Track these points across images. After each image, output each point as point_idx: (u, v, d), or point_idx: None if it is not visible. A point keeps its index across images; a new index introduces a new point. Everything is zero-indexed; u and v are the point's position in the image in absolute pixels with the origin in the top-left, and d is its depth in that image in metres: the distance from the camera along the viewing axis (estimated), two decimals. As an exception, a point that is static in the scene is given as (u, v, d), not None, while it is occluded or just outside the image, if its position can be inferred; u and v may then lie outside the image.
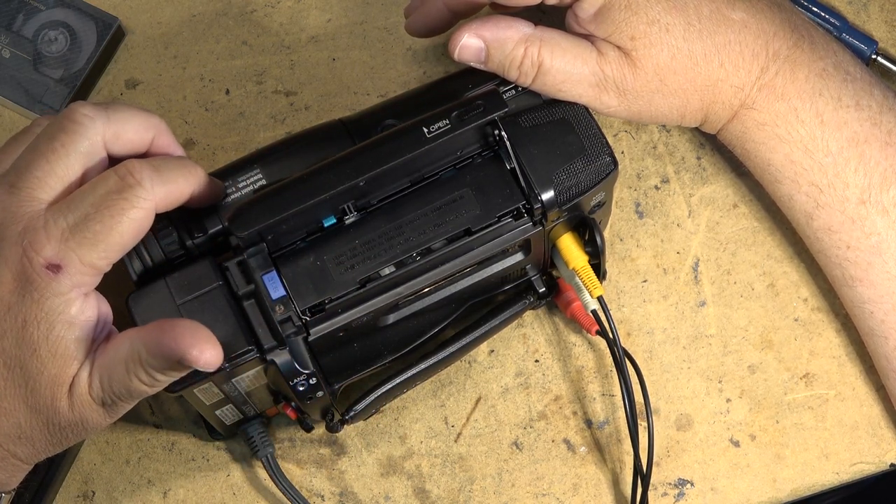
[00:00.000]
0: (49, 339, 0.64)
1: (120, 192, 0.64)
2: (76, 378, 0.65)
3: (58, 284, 0.63)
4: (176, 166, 0.66)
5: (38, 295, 0.63)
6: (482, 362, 0.82)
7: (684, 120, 0.77)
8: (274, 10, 0.86)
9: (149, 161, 0.65)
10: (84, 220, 0.63)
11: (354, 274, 0.69)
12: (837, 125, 0.75)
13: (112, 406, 0.66)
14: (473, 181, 0.71)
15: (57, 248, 0.63)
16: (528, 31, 0.73)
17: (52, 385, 0.64)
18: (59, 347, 0.64)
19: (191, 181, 0.67)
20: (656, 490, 0.80)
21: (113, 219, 0.63)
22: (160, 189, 0.65)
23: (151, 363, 0.63)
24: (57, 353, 0.64)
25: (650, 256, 0.83)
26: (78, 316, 0.64)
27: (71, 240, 0.63)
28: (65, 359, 0.64)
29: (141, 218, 0.64)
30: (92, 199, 0.64)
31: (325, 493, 0.80)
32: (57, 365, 0.64)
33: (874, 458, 0.81)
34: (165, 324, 0.64)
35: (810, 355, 0.82)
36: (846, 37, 0.84)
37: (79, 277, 0.63)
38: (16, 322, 0.64)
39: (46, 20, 0.84)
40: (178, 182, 0.66)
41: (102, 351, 0.65)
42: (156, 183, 0.64)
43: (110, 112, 0.66)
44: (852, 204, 0.75)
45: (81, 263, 0.63)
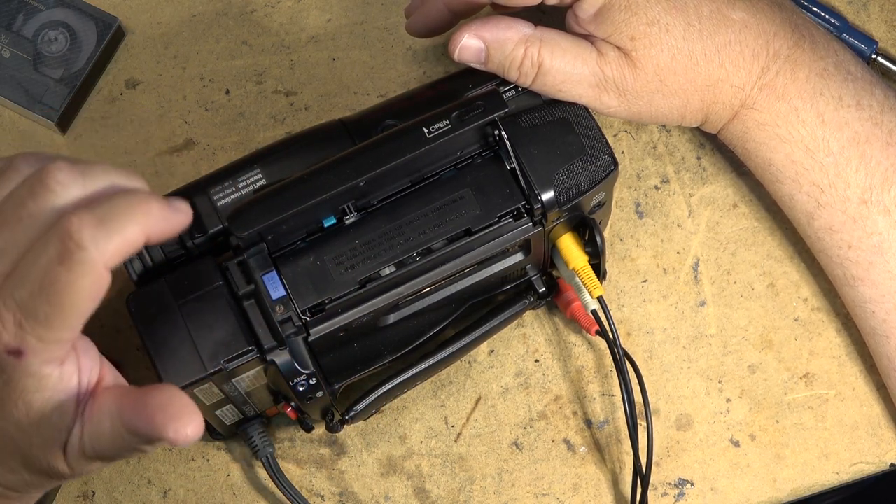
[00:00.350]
0: (30, 416, 0.60)
1: (62, 261, 0.56)
2: (68, 444, 0.61)
3: (25, 366, 0.58)
4: (124, 208, 0.57)
5: (7, 377, 0.59)
6: (482, 362, 0.82)
7: (685, 120, 0.77)
8: (274, 10, 0.86)
9: (90, 211, 0.57)
10: (32, 299, 0.57)
11: (354, 274, 0.69)
12: (838, 125, 0.75)
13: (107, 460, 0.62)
14: (473, 181, 0.71)
15: (13, 334, 0.57)
16: (528, 31, 0.73)
17: (44, 453, 0.61)
18: (41, 422, 0.60)
19: (143, 222, 0.57)
20: (656, 490, 0.80)
21: (60, 295, 0.56)
22: (106, 244, 0.56)
23: (132, 440, 0.60)
24: (41, 427, 0.60)
25: (650, 256, 0.83)
26: (56, 386, 0.60)
27: (25, 324, 0.57)
28: (50, 430, 0.60)
29: (90, 284, 0.56)
30: (35, 272, 0.56)
31: (325, 493, 0.80)
32: (43, 436, 0.61)
33: (874, 458, 0.81)
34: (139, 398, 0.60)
35: (810, 355, 0.82)
36: (846, 37, 0.84)
37: (45, 355, 0.58)
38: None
39: (46, 20, 0.84)
40: (127, 229, 0.57)
41: (89, 413, 0.61)
42: (100, 239, 0.56)
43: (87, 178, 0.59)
44: (854, 203, 0.75)
45: (42, 342, 0.57)
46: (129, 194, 0.58)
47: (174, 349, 0.68)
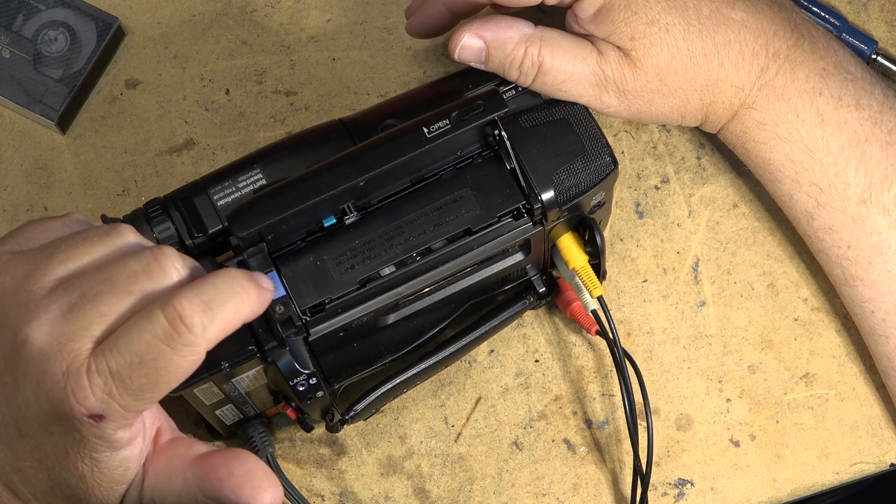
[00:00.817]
0: (94, 472, 0.60)
1: (168, 341, 0.57)
2: (127, 494, 0.62)
3: (100, 431, 0.59)
4: (229, 295, 0.58)
5: (79, 436, 0.59)
6: (482, 362, 0.82)
7: (684, 120, 0.77)
8: (274, 10, 0.86)
9: (198, 295, 0.57)
10: (129, 370, 0.57)
11: (354, 274, 0.69)
12: (838, 124, 0.75)
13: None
14: (473, 181, 0.71)
15: (100, 400, 0.58)
16: (528, 31, 0.73)
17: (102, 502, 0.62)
18: (104, 478, 0.61)
19: (244, 308, 0.59)
20: (656, 490, 0.80)
21: (159, 372, 0.57)
22: (212, 330, 0.57)
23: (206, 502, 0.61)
24: (103, 482, 0.61)
25: (650, 256, 0.83)
26: (123, 444, 0.60)
27: (114, 391, 0.58)
28: (112, 484, 0.61)
29: (189, 366, 0.58)
30: (138, 345, 0.57)
31: (325, 493, 0.80)
32: (104, 490, 0.61)
33: (874, 458, 0.81)
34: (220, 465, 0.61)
35: (810, 355, 0.82)
36: (846, 36, 0.84)
37: (123, 422, 0.59)
38: (57, 449, 0.60)
39: (46, 20, 0.84)
40: (231, 316, 0.58)
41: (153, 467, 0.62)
42: (207, 324, 0.57)
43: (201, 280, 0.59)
44: (853, 203, 0.75)
45: (125, 411, 0.58)
46: (229, 279, 0.59)
47: (174, 349, 0.68)
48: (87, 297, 0.58)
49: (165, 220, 0.70)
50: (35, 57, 0.84)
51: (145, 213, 0.70)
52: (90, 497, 0.62)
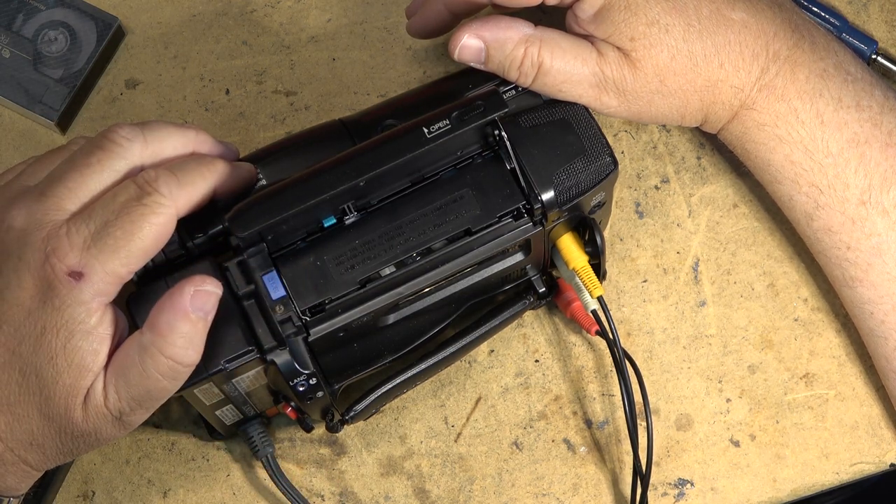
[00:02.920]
0: (67, 349, 0.64)
1: (139, 199, 0.64)
2: (91, 389, 0.65)
3: (79, 292, 0.63)
4: (194, 168, 0.66)
5: (59, 302, 0.63)
6: (482, 362, 0.82)
7: (684, 120, 0.77)
8: (274, 10, 0.86)
9: (167, 167, 0.66)
10: (105, 227, 0.63)
11: (354, 274, 0.69)
12: (838, 126, 0.75)
13: (128, 416, 0.66)
14: (473, 181, 0.71)
15: (80, 256, 0.63)
16: (528, 31, 0.73)
17: (66, 395, 0.64)
18: (75, 357, 0.64)
19: (210, 179, 0.67)
20: (656, 490, 0.80)
21: (133, 224, 0.63)
22: (180, 194, 0.65)
23: (165, 340, 0.64)
24: (73, 363, 0.64)
25: (650, 256, 0.83)
26: (97, 327, 0.64)
27: (93, 247, 0.63)
28: (81, 369, 0.64)
29: (161, 223, 0.64)
30: (112, 206, 0.64)
31: (325, 493, 0.80)
32: (73, 375, 0.64)
33: (874, 458, 0.81)
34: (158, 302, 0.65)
35: (810, 355, 0.82)
36: (846, 37, 0.84)
37: (100, 286, 0.63)
38: (35, 328, 0.64)
39: (46, 20, 0.84)
40: (196, 184, 0.66)
41: (114, 359, 0.65)
42: (174, 188, 0.65)
43: (147, 133, 0.67)
44: (852, 205, 0.75)
45: (104, 271, 0.63)
46: (198, 156, 0.68)
47: (174, 349, 0.68)
48: (54, 178, 0.66)
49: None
50: (35, 57, 0.84)
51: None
52: (57, 385, 0.64)
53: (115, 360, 0.65)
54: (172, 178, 0.65)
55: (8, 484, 0.68)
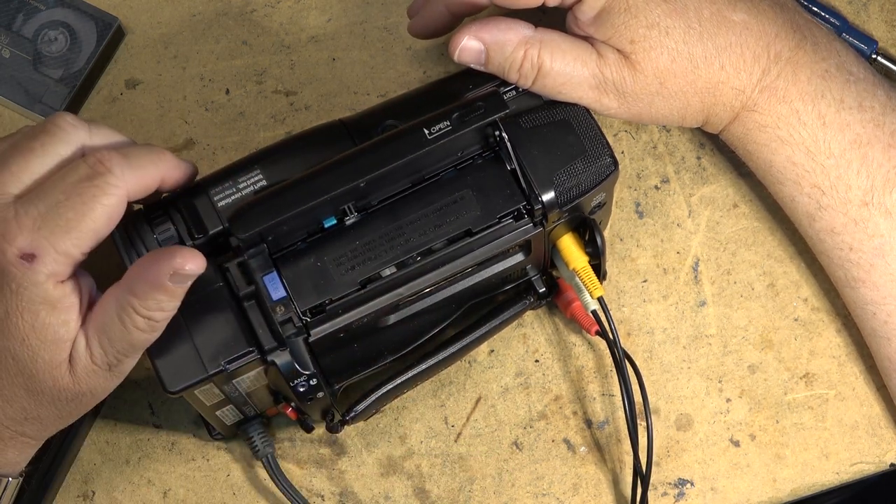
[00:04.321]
0: (35, 328, 0.64)
1: (90, 179, 0.64)
2: (73, 353, 0.65)
3: (34, 274, 0.63)
4: (145, 153, 0.66)
5: (15, 285, 0.63)
6: (482, 362, 0.82)
7: (685, 121, 0.77)
8: (274, 10, 0.86)
9: (118, 150, 0.65)
10: (55, 207, 0.63)
11: (355, 275, 0.69)
12: (840, 127, 0.75)
13: (118, 366, 0.66)
14: (474, 182, 0.71)
15: (30, 238, 0.63)
16: (528, 33, 0.73)
17: (48, 369, 0.65)
18: (47, 334, 0.64)
19: (160, 167, 0.67)
20: (656, 490, 0.80)
21: (84, 205, 0.63)
22: (130, 175, 0.65)
23: (143, 303, 0.64)
24: (46, 340, 0.64)
25: (650, 256, 0.83)
26: (61, 300, 0.64)
27: (43, 228, 0.63)
28: (56, 343, 0.64)
29: (112, 204, 0.64)
30: (62, 186, 0.63)
31: (325, 493, 0.80)
32: (49, 350, 0.64)
33: (874, 458, 0.81)
34: (139, 261, 0.65)
35: (810, 355, 0.82)
36: (846, 36, 0.84)
37: (53, 266, 0.63)
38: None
39: (46, 20, 0.84)
40: (147, 168, 0.66)
41: (92, 317, 0.65)
42: (125, 169, 0.64)
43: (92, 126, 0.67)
44: (855, 206, 0.75)
45: (55, 251, 0.63)
46: (149, 146, 0.68)
47: (174, 350, 0.68)
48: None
49: (166, 221, 0.70)
50: (35, 57, 0.84)
51: (146, 215, 0.70)
52: (37, 362, 0.64)
53: (94, 317, 0.65)
54: (123, 159, 0.65)
55: (8, 458, 0.69)
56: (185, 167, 0.69)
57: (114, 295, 0.65)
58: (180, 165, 0.69)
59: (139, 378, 0.81)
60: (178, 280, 0.64)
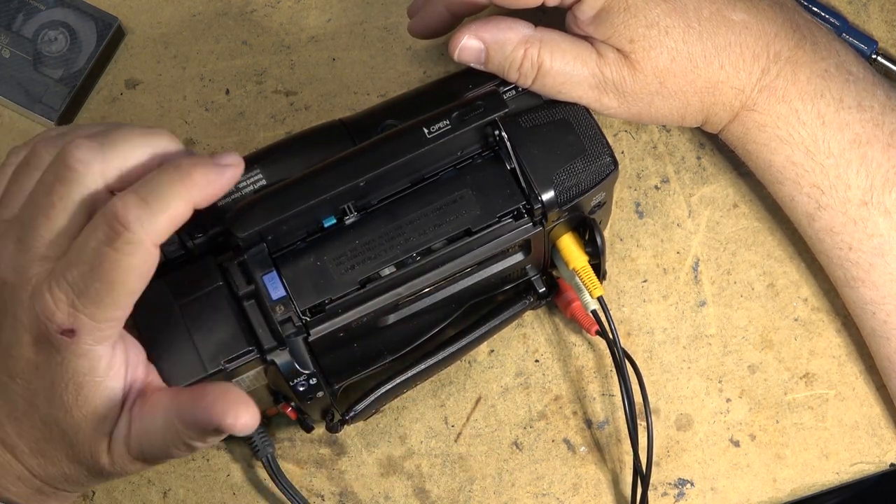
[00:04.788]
0: (79, 401, 0.63)
1: (110, 242, 0.60)
2: (113, 437, 0.64)
3: (77, 346, 0.62)
4: (166, 187, 0.61)
5: (60, 358, 0.62)
6: (482, 362, 0.82)
7: (685, 121, 0.77)
8: (274, 10, 0.86)
9: (135, 193, 0.60)
10: (82, 278, 0.60)
11: (355, 274, 0.69)
12: (839, 126, 0.75)
13: (151, 461, 0.66)
14: (474, 181, 0.71)
15: (66, 314, 0.61)
16: (527, 32, 0.73)
17: (90, 443, 0.64)
18: (90, 409, 0.63)
19: (185, 195, 0.61)
20: (656, 490, 0.80)
21: (109, 273, 0.60)
22: (152, 223, 0.60)
23: (188, 434, 0.63)
24: (89, 415, 0.63)
25: (650, 256, 0.83)
26: (106, 375, 0.63)
27: (77, 303, 0.61)
28: (98, 418, 0.64)
29: (139, 263, 0.60)
30: (86, 254, 0.60)
31: (325, 493, 0.80)
32: (91, 425, 0.64)
33: (874, 458, 0.81)
34: (197, 392, 0.63)
35: (810, 355, 0.82)
36: (846, 36, 0.84)
37: (97, 335, 0.62)
38: (44, 382, 0.63)
39: (46, 20, 0.84)
40: (170, 205, 0.61)
41: (139, 411, 0.64)
42: (145, 220, 0.60)
43: (107, 148, 0.62)
44: (854, 205, 0.75)
45: (94, 322, 0.61)
46: (170, 170, 0.61)
47: (174, 350, 0.68)
48: (25, 225, 0.62)
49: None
50: (35, 57, 0.84)
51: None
52: (78, 435, 0.64)
53: (140, 416, 0.64)
54: (142, 206, 0.60)
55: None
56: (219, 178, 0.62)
57: (162, 409, 0.63)
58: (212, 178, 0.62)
59: (139, 378, 0.81)
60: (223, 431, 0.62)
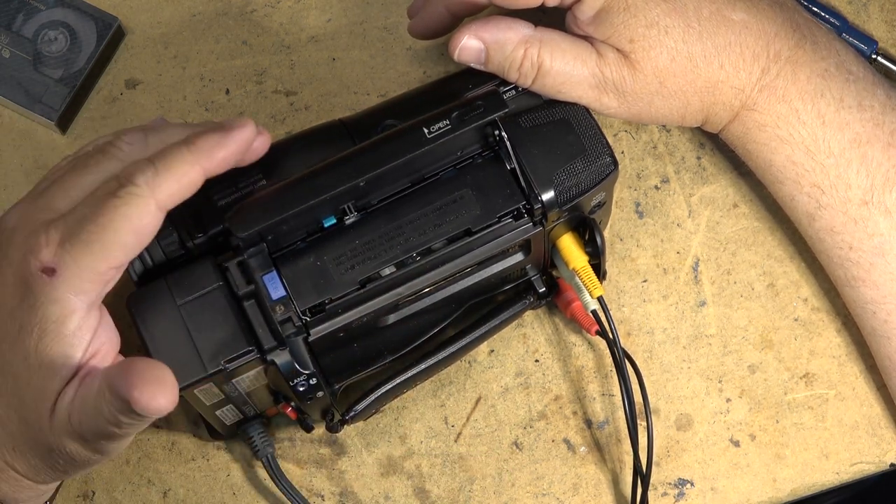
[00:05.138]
0: (38, 348, 0.62)
1: (114, 192, 0.61)
2: (59, 401, 0.62)
3: (52, 289, 0.61)
4: (174, 153, 0.63)
5: (33, 300, 0.62)
6: (482, 362, 0.82)
7: (685, 121, 0.77)
8: (274, 10, 0.86)
9: (147, 159, 0.63)
10: (79, 222, 0.61)
11: (355, 274, 0.69)
12: (839, 126, 0.75)
13: (92, 443, 0.63)
14: (474, 181, 0.71)
15: (53, 252, 0.61)
16: (527, 32, 0.73)
17: (36, 398, 0.63)
18: (45, 358, 0.62)
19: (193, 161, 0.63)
20: (656, 490, 0.80)
21: (105, 217, 0.61)
22: (158, 182, 0.62)
23: (115, 405, 0.61)
24: (43, 364, 0.62)
25: (650, 256, 0.83)
26: (73, 332, 0.62)
27: (67, 243, 0.61)
28: (49, 371, 0.62)
29: (136, 214, 0.61)
30: (90, 202, 0.62)
31: (325, 493, 0.80)
32: (41, 376, 0.62)
33: (874, 458, 0.81)
34: (127, 361, 0.61)
35: (810, 355, 0.82)
36: (846, 36, 0.84)
37: (75, 282, 0.61)
38: (13, 326, 0.62)
39: (46, 20, 0.84)
40: (177, 169, 0.62)
41: (84, 384, 0.62)
42: (150, 177, 0.62)
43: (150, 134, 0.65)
44: (854, 205, 0.75)
45: (77, 267, 0.61)
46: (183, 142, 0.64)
47: (174, 349, 0.68)
48: (54, 181, 0.65)
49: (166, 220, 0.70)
50: (35, 57, 0.84)
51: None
52: (29, 386, 0.62)
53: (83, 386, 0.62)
54: (149, 167, 0.62)
55: (3, 491, 0.67)
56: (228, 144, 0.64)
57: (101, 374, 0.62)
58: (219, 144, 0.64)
59: (139, 378, 0.81)
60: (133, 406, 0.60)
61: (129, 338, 0.81)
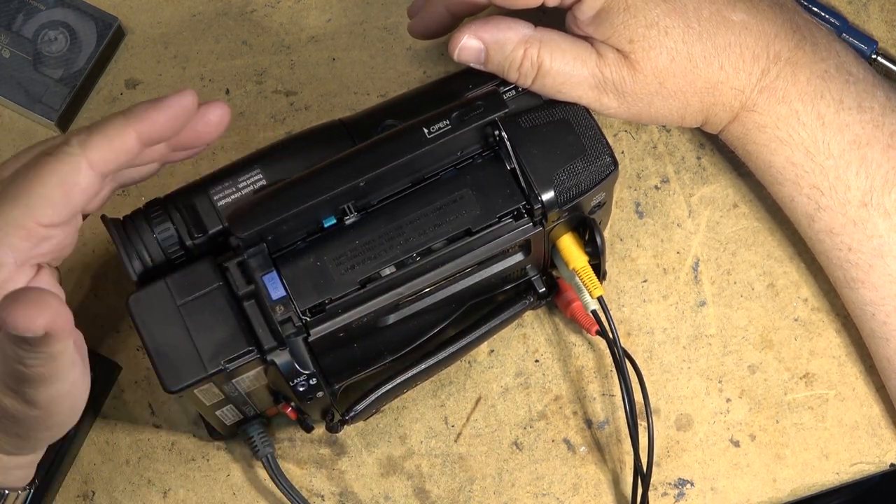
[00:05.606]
0: None
1: (48, 152, 0.62)
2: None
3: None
4: (111, 118, 0.63)
5: None
6: (482, 362, 0.82)
7: (684, 121, 0.77)
8: (274, 10, 0.86)
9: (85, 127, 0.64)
10: (12, 176, 0.63)
11: (355, 274, 0.69)
12: (839, 127, 0.75)
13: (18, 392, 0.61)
14: (474, 181, 0.71)
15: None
16: (527, 32, 0.73)
17: None
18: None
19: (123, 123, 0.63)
20: (656, 490, 0.80)
21: (34, 173, 0.62)
22: (90, 142, 0.62)
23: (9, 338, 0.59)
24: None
25: (650, 256, 0.83)
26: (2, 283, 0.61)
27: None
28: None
29: (66, 171, 0.62)
30: (26, 163, 0.63)
31: (325, 493, 0.80)
32: None
33: (874, 458, 0.81)
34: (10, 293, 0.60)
35: (810, 355, 0.82)
36: (846, 36, 0.84)
37: (2, 237, 0.61)
38: None
39: (46, 20, 0.84)
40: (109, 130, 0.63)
41: None
42: (84, 139, 0.62)
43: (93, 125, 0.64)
44: (854, 206, 0.75)
45: (3, 220, 0.61)
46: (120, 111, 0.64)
47: (174, 350, 0.68)
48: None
49: (165, 220, 0.70)
50: (35, 57, 0.84)
51: (145, 214, 0.70)
52: None
53: None
54: (84, 130, 0.63)
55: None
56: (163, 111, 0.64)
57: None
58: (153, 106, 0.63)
59: (139, 378, 0.81)
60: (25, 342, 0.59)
61: (130, 338, 0.81)
